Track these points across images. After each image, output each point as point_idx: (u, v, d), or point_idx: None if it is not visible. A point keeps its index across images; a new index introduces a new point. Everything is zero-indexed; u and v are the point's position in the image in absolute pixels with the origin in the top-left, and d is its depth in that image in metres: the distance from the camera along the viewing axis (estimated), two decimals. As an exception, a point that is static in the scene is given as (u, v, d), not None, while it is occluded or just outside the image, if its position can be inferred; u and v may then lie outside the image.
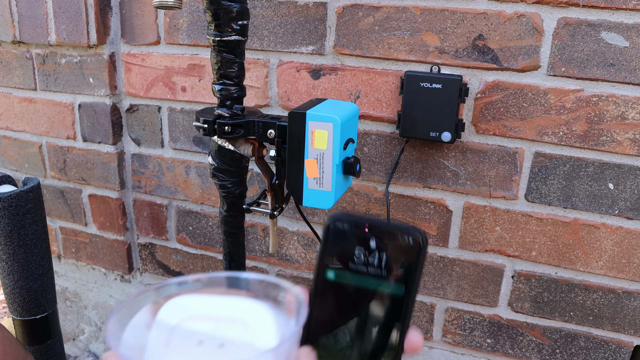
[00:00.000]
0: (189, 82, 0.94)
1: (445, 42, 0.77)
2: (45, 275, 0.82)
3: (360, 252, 0.34)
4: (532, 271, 0.84)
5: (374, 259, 0.34)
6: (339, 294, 0.34)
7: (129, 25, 0.96)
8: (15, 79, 1.07)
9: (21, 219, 0.76)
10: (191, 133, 0.98)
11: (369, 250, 0.34)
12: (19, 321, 0.82)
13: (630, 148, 0.74)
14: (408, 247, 0.33)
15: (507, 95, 0.77)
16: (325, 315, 0.35)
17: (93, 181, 1.08)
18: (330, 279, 0.34)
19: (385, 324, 0.34)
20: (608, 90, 0.73)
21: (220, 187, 0.70)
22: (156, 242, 1.10)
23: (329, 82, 0.85)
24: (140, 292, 0.31)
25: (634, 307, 0.81)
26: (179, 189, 1.03)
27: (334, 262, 0.34)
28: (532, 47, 0.74)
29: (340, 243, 0.34)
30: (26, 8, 0.98)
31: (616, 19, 0.69)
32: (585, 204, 0.78)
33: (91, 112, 1.02)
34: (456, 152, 0.82)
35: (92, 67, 0.99)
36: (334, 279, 0.34)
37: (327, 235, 0.34)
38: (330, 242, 0.34)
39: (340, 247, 0.34)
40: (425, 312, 0.93)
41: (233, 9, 0.61)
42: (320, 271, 0.34)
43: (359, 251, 0.34)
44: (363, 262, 0.34)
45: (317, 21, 0.83)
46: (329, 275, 0.34)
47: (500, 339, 0.90)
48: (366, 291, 0.34)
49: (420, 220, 0.87)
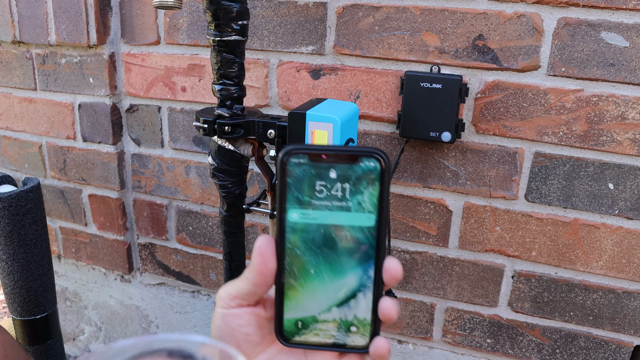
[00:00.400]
0: (189, 82, 0.94)
1: (445, 42, 0.77)
2: (45, 275, 0.82)
3: (320, 185, 0.31)
4: (532, 271, 0.84)
5: (336, 190, 0.31)
6: (306, 235, 0.32)
7: (129, 25, 0.96)
8: (16, 79, 1.08)
9: (21, 219, 0.76)
10: (191, 133, 0.98)
11: (330, 182, 0.31)
12: (19, 321, 0.82)
13: (630, 148, 0.74)
14: (370, 171, 0.31)
15: (507, 95, 0.77)
16: (294, 261, 0.32)
17: (93, 181, 1.08)
18: (293, 220, 0.32)
19: (359, 260, 0.32)
20: (608, 90, 0.73)
21: (221, 187, 0.70)
22: (156, 242, 1.10)
23: (329, 82, 0.85)
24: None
25: (634, 307, 0.81)
26: (179, 189, 1.03)
27: (294, 202, 0.31)
28: (532, 47, 0.74)
29: (298, 179, 0.31)
30: (26, 8, 0.98)
31: (616, 19, 0.69)
32: (585, 204, 0.78)
33: (91, 112, 1.02)
34: (456, 152, 0.82)
35: (92, 67, 0.99)
36: (298, 220, 0.32)
37: (283, 172, 0.31)
38: (287, 180, 0.31)
39: (299, 184, 0.31)
40: (425, 312, 0.93)
41: (233, 9, 0.61)
42: (282, 214, 0.32)
43: (320, 185, 0.31)
44: (325, 196, 0.31)
45: (317, 21, 0.83)
46: (291, 217, 0.32)
47: (500, 339, 0.90)
48: (334, 228, 0.32)
49: (420, 220, 0.87)
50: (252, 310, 0.35)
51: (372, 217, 0.31)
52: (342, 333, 0.33)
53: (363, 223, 0.31)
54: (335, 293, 0.33)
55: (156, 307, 1.16)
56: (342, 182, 0.31)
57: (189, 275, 1.10)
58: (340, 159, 0.31)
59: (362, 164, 0.31)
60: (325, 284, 0.33)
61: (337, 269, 0.32)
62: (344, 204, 0.31)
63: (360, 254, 0.32)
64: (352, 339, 0.33)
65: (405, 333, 0.96)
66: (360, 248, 0.32)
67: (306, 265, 0.33)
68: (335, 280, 0.33)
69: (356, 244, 0.32)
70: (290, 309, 0.33)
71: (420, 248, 0.89)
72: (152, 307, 1.16)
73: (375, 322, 0.33)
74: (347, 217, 0.31)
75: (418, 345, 0.96)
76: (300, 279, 0.33)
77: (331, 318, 0.33)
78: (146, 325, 1.18)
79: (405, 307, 0.94)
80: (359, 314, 0.33)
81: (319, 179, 0.31)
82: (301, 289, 0.33)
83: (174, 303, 1.14)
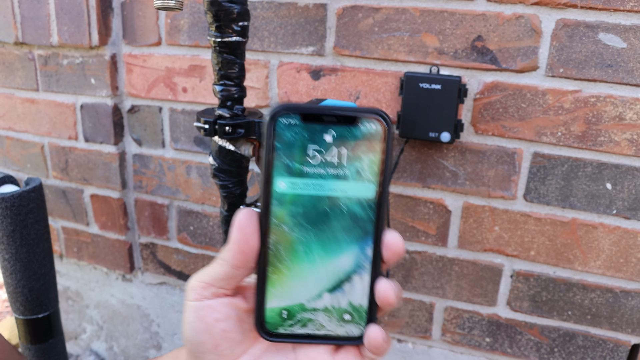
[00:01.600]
0: (190, 82, 0.95)
1: (444, 43, 0.78)
2: (47, 275, 0.83)
3: (314, 150, 0.27)
4: (530, 270, 0.85)
5: (332, 156, 0.27)
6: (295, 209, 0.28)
7: (131, 27, 0.97)
8: (18, 79, 1.08)
9: (23, 218, 0.77)
10: (192, 133, 0.99)
11: (324, 147, 0.27)
12: (21, 320, 0.83)
13: (627, 148, 0.74)
14: (371, 134, 0.27)
15: (506, 96, 0.78)
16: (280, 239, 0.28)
17: (95, 181, 1.09)
18: (281, 191, 0.27)
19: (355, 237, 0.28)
20: (606, 91, 0.73)
21: (221, 187, 0.71)
22: (157, 242, 1.11)
23: (329, 82, 0.86)
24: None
25: (631, 306, 0.81)
26: (180, 189, 1.04)
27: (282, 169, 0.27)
28: (531, 48, 0.74)
29: (288, 143, 0.27)
30: (28, 9, 0.99)
31: (614, 20, 0.70)
32: (584, 204, 0.79)
33: (93, 112, 1.03)
34: (455, 153, 0.83)
35: (94, 68, 0.99)
36: (287, 190, 0.27)
37: (271, 135, 0.27)
38: (275, 144, 0.27)
39: (289, 149, 0.27)
40: (424, 311, 0.93)
41: (234, 10, 0.61)
42: (267, 184, 0.27)
43: (313, 150, 0.27)
44: (319, 162, 0.27)
45: (317, 22, 0.83)
46: (279, 186, 0.27)
47: (499, 338, 0.90)
48: (328, 200, 0.28)
49: (420, 220, 0.88)
50: (230, 302, 0.30)
51: (372, 188, 0.28)
52: (334, 323, 0.29)
53: (361, 194, 0.28)
54: (327, 276, 0.28)
55: (157, 307, 1.17)
56: (338, 146, 0.27)
57: (190, 274, 1.10)
58: (337, 120, 0.27)
59: (362, 126, 0.27)
60: (316, 265, 0.28)
61: (330, 247, 0.28)
62: (340, 171, 0.27)
63: (357, 229, 0.28)
64: (346, 329, 0.29)
65: (404, 332, 0.96)
66: (358, 223, 0.28)
67: (294, 244, 0.28)
68: (327, 261, 0.28)
69: (353, 218, 0.28)
70: (274, 296, 0.29)
71: (420, 248, 0.90)
72: (154, 306, 1.17)
73: (371, 308, 0.29)
74: (343, 187, 0.28)
75: (417, 344, 0.96)
76: (287, 260, 0.28)
77: (322, 306, 0.29)
78: (147, 325, 1.19)
79: (405, 307, 0.94)
80: (354, 299, 0.29)
81: (312, 142, 0.27)
82: (288, 271, 0.28)
83: (175, 302, 1.14)
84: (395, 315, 0.95)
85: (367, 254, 0.28)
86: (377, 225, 0.28)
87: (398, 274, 0.92)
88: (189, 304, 0.29)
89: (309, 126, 0.27)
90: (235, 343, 0.30)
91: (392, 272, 0.92)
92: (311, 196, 0.27)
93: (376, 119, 0.27)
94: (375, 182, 0.27)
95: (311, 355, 0.30)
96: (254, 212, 0.28)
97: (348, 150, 0.27)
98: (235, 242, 0.28)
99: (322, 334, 0.29)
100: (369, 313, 0.29)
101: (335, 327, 0.29)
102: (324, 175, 0.27)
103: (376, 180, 0.27)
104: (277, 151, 0.27)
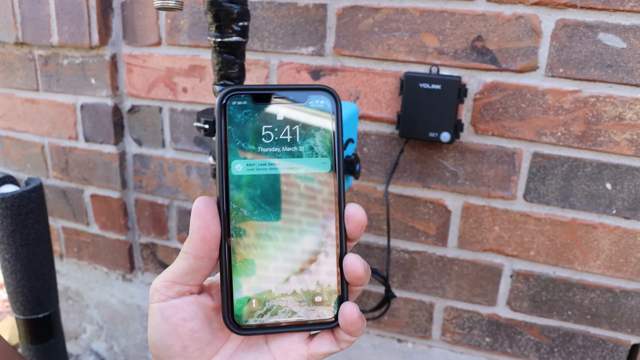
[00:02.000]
0: (190, 82, 0.95)
1: (444, 43, 0.78)
2: (48, 275, 0.83)
3: (266, 130, 0.27)
4: (530, 270, 0.85)
5: (285, 135, 0.27)
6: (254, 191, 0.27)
7: (131, 27, 0.97)
8: (18, 80, 1.08)
9: (24, 218, 0.77)
10: (192, 133, 0.99)
11: (276, 126, 0.27)
12: (21, 320, 0.83)
13: (627, 148, 0.74)
14: (321, 110, 0.27)
15: (506, 96, 0.78)
16: (241, 224, 0.27)
17: (95, 181, 1.09)
18: (237, 174, 0.27)
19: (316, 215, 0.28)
20: (606, 91, 0.73)
21: (221, 187, 0.71)
22: (157, 242, 1.11)
23: (329, 82, 0.86)
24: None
25: (631, 306, 0.81)
26: (180, 189, 1.04)
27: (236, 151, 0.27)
28: (531, 49, 0.74)
29: (240, 125, 0.27)
30: (29, 10, 0.99)
31: (613, 20, 0.70)
32: (583, 204, 0.79)
33: (93, 112, 1.03)
34: (455, 153, 0.83)
35: (94, 68, 0.99)
36: (242, 172, 0.27)
37: (222, 118, 0.26)
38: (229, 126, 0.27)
39: (242, 130, 0.27)
40: (424, 311, 0.93)
41: (234, 10, 0.62)
42: (223, 168, 0.27)
43: (265, 129, 0.27)
44: (273, 142, 0.27)
45: (317, 22, 0.83)
46: (235, 170, 0.27)
47: (499, 338, 0.91)
48: (285, 178, 0.27)
49: (420, 220, 0.88)
50: (197, 300, 0.28)
51: (328, 162, 0.28)
52: (305, 307, 0.28)
53: (318, 169, 0.28)
54: (293, 258, 0.28)
55: (157, 307, 1.16)
56: (290, 125, 0.27)
57: (190, 274, 1.10)
58: (287, 98, 0.27)
59: (312, 102, 0.27)
60: (280, 248, 0.28)
61: (293, 227, 0.28)
62: (294, 149, 0.27)
63: (318, 206, 0.28)
64: (317, 313, 0.28)
65: (404, 332, 0.96)
66: (318, 199, 0.28)
67: (256, 228, 0.27)
68: (291, 243, 0.28)
69: (312, 196, 0.28)
70: (241, 285, 0.27)
71: (420, 248, 0.90)
72: (154, 306, 1.17)
73: (342, 287, 0.28)
74: (299, 163, 0.27)
75: (417, 344, 0.97)
76: (250, 246, 0.27)
77: (291, 290, 0.28)
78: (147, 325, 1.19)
79: (405, 306, 0.94)
80: (322, 280, 0.28)
81: (265, 122, 0.27)
82: (252, 257, 0.27)
83: (175, 302, 1.14)
84: (395, 315, 0.95)
85: (330, 231, 0.28)
86: (338, 199, 0.28)
87: (398, 274, 0.92)
88: (153, 306, 0.28)
89: (260, 106, 0.27)
90: (204, 344, 0.28)
91: (392, 272, 0.92)
92: (268, 176, 0.27)
93: (325, 94, 0.27)
94: (329, 157, 0.27)
95: (285, 346, 0.28)
96: (211, 198, 0.27)
97: (300, 128, 0.27)
98: (195, 231, 0.27)
99: (294, 321, 0.28)
100: (340, 292, 0.28)
101: (307, 312, 0.28)
102: (278, 154, 0.27)
103: (330, 154, 0.27)
104: (230, 134, 0.26)
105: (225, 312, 0.28)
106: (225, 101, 0.26)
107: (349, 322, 0.27)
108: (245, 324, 0.28)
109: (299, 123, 0.27)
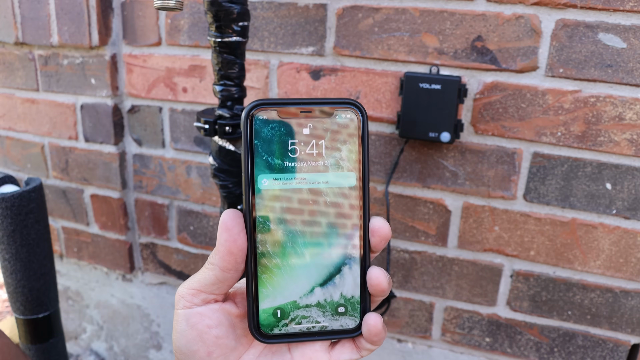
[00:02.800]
0: (190, 83, 0.95)
1: (444, 43, 0.78)
2: (48, 275, 0.83)
3: (293, 145, 0.27)
4: (530, 270, 0.85)
5: (311, 149, 0.27)
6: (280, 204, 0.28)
7: (131, 27, 0.97)
8: (18, 80, 1.08)
9: (24, 218, 0.77)
10: (192, 133, 0.99)
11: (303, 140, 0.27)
12: (21, 320, 0.83)
13: (627, 148, 0.74)
14: (347, 124, 0.27)
15: (506, 96, 0.78)
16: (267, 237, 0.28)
17: (95, 181, 1.09)
18: (264, 188, 0.27)
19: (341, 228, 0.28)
20: (606, 91, 0.73)
21: (221, 187, 0.71)
22: (157, 242, 1.11)
23: (328, 82, 0.86)
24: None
25: (631, 306, 0.81)
26: (180, 189, 1.04)
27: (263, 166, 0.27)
28: (531, 49, 0.74)
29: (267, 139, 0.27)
30: (29, 10, 0.99)
31: (613, 20, 0.70)
32: (583, 204, 0.79)
33: (93, 112, 1.03)
34: (455, 153, 0.83)
35: (94, 68, 0.99)
36: (269, 187, 0.27)
37: (249, 133, 0.27)
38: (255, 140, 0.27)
39: (268, 145, 0.27)
40: (424, 311, 0.94)
41: (234, 10, 0.62)
42: (250, 182, 0.27)
43: (292, 143, 0.27)
44: (299, 156, 0.27)
45: (317, 22, 0.83)
46: (262, 184, 0.27)
47: (499, 338, 0.91)
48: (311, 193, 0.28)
49: (420, 220, 0.88)
50: (221, 307, 0.29)
51: (353, 176, 0.28)
52: (328, 317, 0.29)
53: (344, 184, 0.28)
54: (318, 270, 0.28)
55: (157, 307, 1.17)
56: (317, 139, 0.27)
57: (190, 274, 1.11)
58: (313, 112, 0.27)
59: (338, 116, 0.27)
60: (305, 260, 0.28)
61: (318, 241, 0.28)
62: (320, 163, 0.27)
63: (343, 220, 0.28)
64: (340, 323, 0.29)
65: (404, 332, 0.96)
66: (343, 213, 0.28)
67: (282, 241, 0.28)
68: (316, 256, 0.28)
69: (337, 210, 0.28)
70: (266, 296, 0.28)
71: (420, 248, 0.90)
72: (154, 306, 1.17)
73: (365, 298, 0.29)
74: (325, 178, 0.28)
75: (417, 344, 0.97)
76: (276, 257, 0.28)
77: (315, 301, 0.29)
78: (147, 325, 1.19)
79: (405, 306, 0.94)
80: (345, 291, 0.29)
81: (291, 136, 0.27)
82: (277, 270, 0.28)
83: (175, 302, 1.14)
84: (395, 315, 0.95)
85: (354, 243, 0.28)
86: (363, 213, 0.28)
87: (398, 274, 0.92)
88: (179, 312, 0.29)
89: (285, 120, 0.27)
90: (228, 349, 0.29)
91: (393, 272, 0.92)
92: (294, 190, 0.27)
93: (350, 108, 0.27)
94: (356, 171, 0.28)
95: (307, 354, 0.29)
96: (238, 212, 0.28)
97: (326, 142, 0.27)
98: (222, 244, 0.27)
99: (318, 330, 0.29)
100: (362, 303, 0.29)
101: (330, 322, 0.29)
102: (304, 168, 0.27)
103: (356, 168, 0.28)
104: (256, 149, 0.27)
105: (251, 322, 0.28)
106: (251, 115, 0.27)
107: (373, 333, 0.28)
108: (270, 333, 0.29)
109: (325, 137, 0.27)
